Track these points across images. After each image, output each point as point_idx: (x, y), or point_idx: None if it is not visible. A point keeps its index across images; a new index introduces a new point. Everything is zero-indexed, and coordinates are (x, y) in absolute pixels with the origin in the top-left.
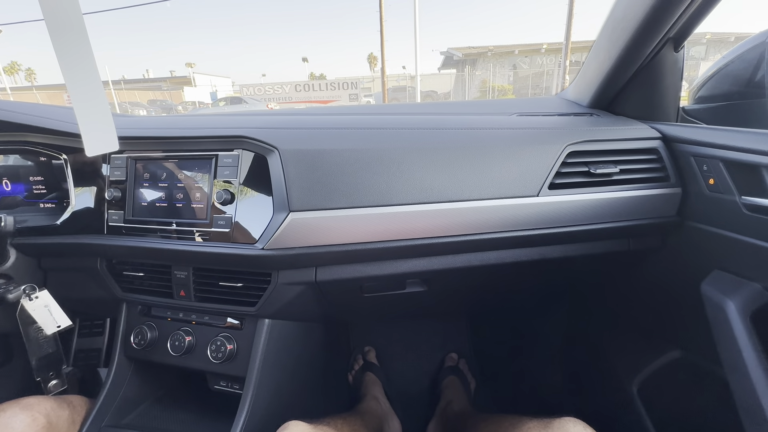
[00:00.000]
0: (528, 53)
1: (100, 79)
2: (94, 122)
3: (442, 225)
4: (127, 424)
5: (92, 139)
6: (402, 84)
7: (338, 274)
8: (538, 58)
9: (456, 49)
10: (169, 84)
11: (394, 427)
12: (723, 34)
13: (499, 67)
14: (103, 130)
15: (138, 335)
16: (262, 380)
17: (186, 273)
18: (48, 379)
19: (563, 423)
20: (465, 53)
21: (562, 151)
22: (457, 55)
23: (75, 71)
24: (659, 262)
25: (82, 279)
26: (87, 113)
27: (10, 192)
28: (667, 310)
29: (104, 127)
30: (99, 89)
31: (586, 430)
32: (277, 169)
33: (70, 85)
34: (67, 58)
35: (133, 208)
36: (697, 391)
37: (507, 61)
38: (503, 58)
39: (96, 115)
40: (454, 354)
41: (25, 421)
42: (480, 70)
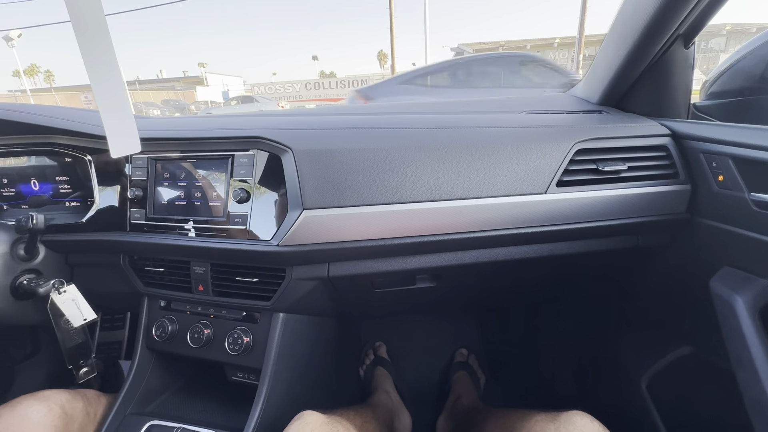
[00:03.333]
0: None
1: (124, 84)
2: (119, 125)
3: (452, 222)
4: (150, 412)
5: (116, 141)
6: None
7: (350, 270)
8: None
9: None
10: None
11: (404, 420)
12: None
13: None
14: (127, 133)
15: (159, 328)
16: (277, 372)
17: (204, 268)
18: (79, 366)
19: (570, 416)
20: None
21: (570, 149)
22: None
23: (101, 78)
24: (668, 259)
25: (106, 274)
26: (112, 117)
27: (38, 191)
28: (676, 306)
29: (128, 130)
30: (123, 94)
31: (592, 424)
32: (291, 168)
33: (96, 90)
34: (93, 66)
35: (154, 207)
36: (705, 387)
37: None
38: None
39: (120, 119)
40: (463, 349)
41: (41, 411)
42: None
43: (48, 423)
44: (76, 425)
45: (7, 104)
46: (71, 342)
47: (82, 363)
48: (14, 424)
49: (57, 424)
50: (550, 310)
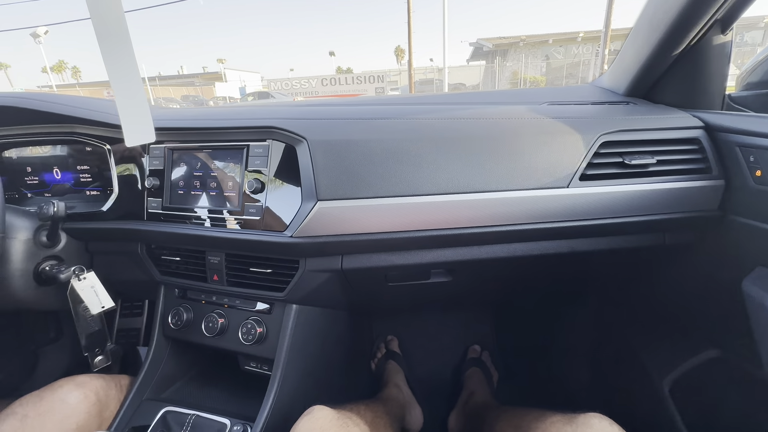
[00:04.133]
0: (563, 42)
1: (140, 76)
2: (134, 115)
3: (469, 216)
4: (165, 398)
5: (131, 131)
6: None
7: (364, 263)
8: (574, 47)
9: (486, 40)
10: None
11: (415, 415)
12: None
13: (531, 58)
14: (142, 123)
15: (175, 316)
16: (290, 363)
17: (219, 258)
18: (94, 355)
19: (588, 418)
20: (495, 44)
21: (595, 141)
22: (487, 45)
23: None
24: (696, 258)
25: (124, 262)
26: (127, 107)
27: (60, 180)
28: (703, 307)
29: (142, 120)
30: (139, 86)
31: (611, 427)
32: (306, 159)
33: (113, 81)
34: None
35: (170, 196)
36: (733, 393)
37: (540, 51)
38: (536, 48)
39: (135, 109)
40: (477, 346)
41: (79, 397)
42: (511, 61)
43: (83, 408)
44: (108, 411)
45: (32, 94)
46: (88, 329)
47: (98, 351)
48: (54, 407)
49: (91, 410)
50: (567, 308)
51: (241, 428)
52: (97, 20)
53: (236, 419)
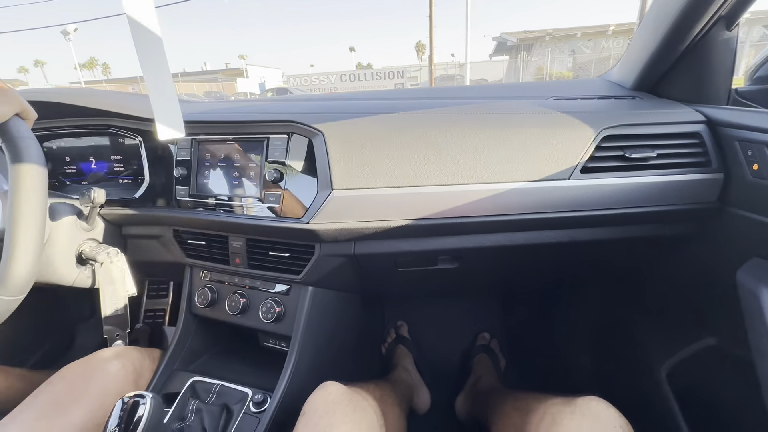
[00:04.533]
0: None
1: (171, 76)
2: (166, 112)
3: (474, 205)
4: (193, 369)
5: (164, 127)
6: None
7: (374, 249)
8: (603, 41)
9: (510, 34)
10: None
11: (423, 397)
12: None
13: (557, 52)
14: (173, 119)
15: (201, 295)
16: (306, 340)
17: (241, 243)
18: (113, 338)
19: (586, 401)
20: (520, 38)
21: (597, 135)
22: (511, 40)
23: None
24: (695, 249)
25: (154, 246)
26: (161, 106)
27: (95, 169)
28: (701, 296)
29: (173, 117)
30: (170, 85)
31: (609, 410)
32: (322, 150)
33: (148, 82)
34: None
35: (197, 185)
36: (728, 379)
37: (567, 46)
38: (563, 42)
39: (167, 107)
40: (486, 333)
41: (118, 365)
42: (536, 56)
43: (122, 376)
44: (143, 380)
45: (72, 89)
46: (112, 311)
47: (118, 335)
48: (97, 373)
49: (129, 377)
50: (570, 297)
51: (262, 397)
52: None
53: (257, 389)
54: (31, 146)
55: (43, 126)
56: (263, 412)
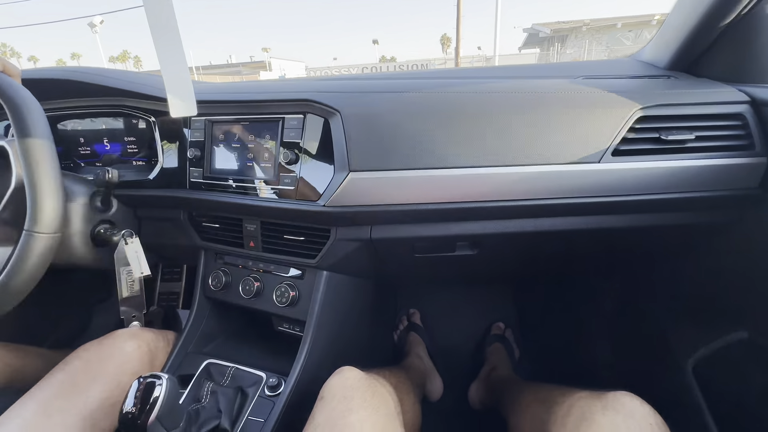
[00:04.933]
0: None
1: (184, 52)
2: (178, 89)
3: (497, 189)
4: (207, 351)
5: (176, 103)
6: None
7: (392, 233)
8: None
9: (543, 25)
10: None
11: (436, 384)
12: None
13: (595, 44)
14: (185, 97)
15: (215, 279)
16: (320, 325)
17: (255, 226)
18: (130, 319)
19: (619, 397)
20: (554, 29)
21: (630, 116)
22: (543, 31)
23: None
24: (732, 237)
25: (168, 228)
26: (173, 81)
27: (109, 151)
28: (735, 288)
29: (186, 94)
30: (183, 61)
31: (643, 407)
32: (339, 130)
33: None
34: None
35: (210, 166)
36: (759, 374)
37: (606, 37)
38: (601, 33)
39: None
40: (501, 323)
41: (133, 346)
42: (571, 48)
43: (137, 356)
44: (158, 361)
45: (86, 68)
46: (128, 292)
47: (134, 316)
48: (113, 353)
49: (144, 358)
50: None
51: (276, 381)
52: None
53: (271, 373)
54: (20, 91)
55: (56, 106)
56: (278, 395)
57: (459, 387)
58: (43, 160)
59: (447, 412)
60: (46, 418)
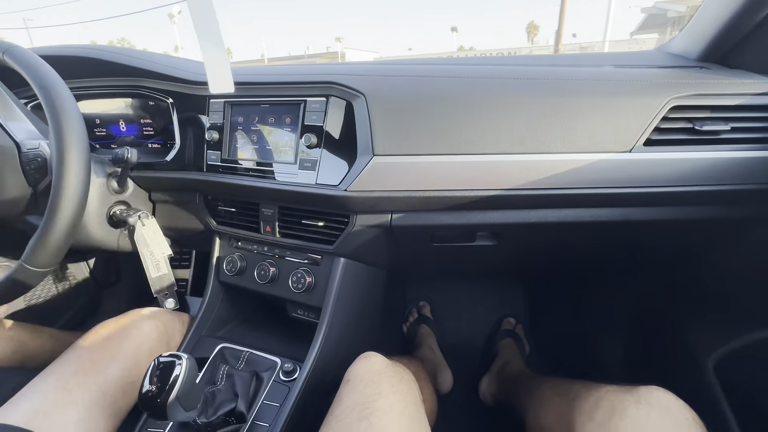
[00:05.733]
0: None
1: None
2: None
3: (524, 177)
4: (220, 336)
5: (215, 79)
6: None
7: (412, 221)
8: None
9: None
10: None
11: (446, 377)
12: None
13: None
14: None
15: (229, 263)
16: (336, 312)
17: (272, 210)
18: (163, 298)
19: (651, 391)
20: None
21: (664, 105)
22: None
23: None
24: (760, 234)
25: (183, 212)
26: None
27: (125, 133)
28: (761, 285)
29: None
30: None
31: (678, 402)
32: (363, 114)
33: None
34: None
35: (229, 149)
36: None
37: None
38: None
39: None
40: (511, 318)
41: (151, 326)
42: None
43: (155, 336)
44: (174, 342)
45: (105, 46)
46: (156, 271)
47: (167, 294)
48: (131, 332)
49: (161, 338)
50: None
51: (292, 366)
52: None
53: (286, 358)
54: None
55: (74, 86)
56: (293, 381)
57: (468, 380)
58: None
59: (456, 406)
60: (66, 393)
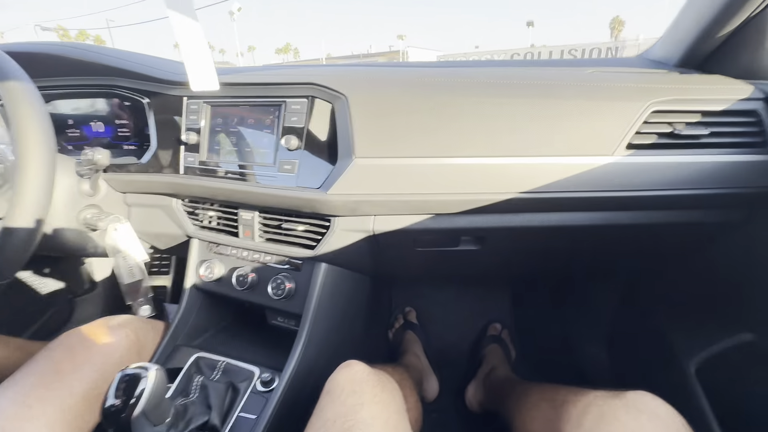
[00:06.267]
0: None
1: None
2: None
3: (505, 181)
4: (197, 345)
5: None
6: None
7: (395, 225)
8: None
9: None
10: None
11: (431, 384)
12: None
13: None
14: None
15: (207, 269)
16: (317, 319)
17: (252, 215)
18: (139, 305)
19: (639, 396)
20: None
21: (645, 109)
22: None
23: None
24: (741, 237)
25: (159, 216)
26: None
27: (99, 134)
28: (741, 289)
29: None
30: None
31: (666, 407)
32: (344, 115)
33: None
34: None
35: (207, 151)
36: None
37: None
38: None
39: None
40: (497, 324)
41: (121, 334)
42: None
43: (125, 345)
44: (146, 352)
45: (78, 44)
46: (129, 278)
47: (141, 301)
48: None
49: (132, 348)
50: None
51: (270, 376)
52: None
53: (264, 368)
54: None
55: (45, 85)
56: (271, 391)
57: (453, 387)
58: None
59: (442, 413)
60: (26, 408)
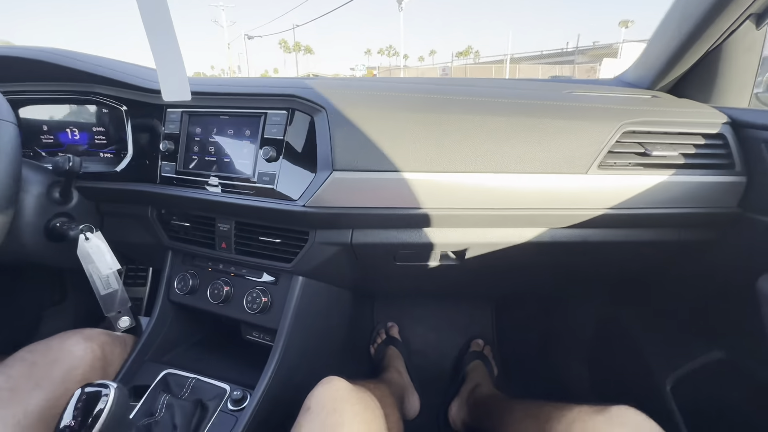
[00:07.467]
0: None
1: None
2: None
3: (483, 196)
4: (167, 360)
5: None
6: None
7: (373, 238)
8: None
9: None
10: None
11: (413, 401)
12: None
13: None
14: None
15: (181, 281)
16: (293, 334)
17: (228, 226)
18: (117, 316)
19: (621, 411)
20: None
21: (617, 130)
22: None
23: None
24: (710, 256)
25: (134, 225)
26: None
27: (75, 141)
28: (712, 307)
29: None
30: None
31: (648, 421)
32: (324, 128)
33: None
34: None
35: (184, 161)
36: (736, 393)
37: None
38: None
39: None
40: (480, 340)
41: (86, 349)
42: None
43: (89, 361)
44: (112, 368)
45: (56, 49)
46: (105, 289)
47: (120, 312)
48: (61, 356)
49: (96, 364)
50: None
51: (241, 394)
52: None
53: (236, 385)
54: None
55: (18, 89)
56: (242, 410)
57: (435, 405)
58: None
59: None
60: None
